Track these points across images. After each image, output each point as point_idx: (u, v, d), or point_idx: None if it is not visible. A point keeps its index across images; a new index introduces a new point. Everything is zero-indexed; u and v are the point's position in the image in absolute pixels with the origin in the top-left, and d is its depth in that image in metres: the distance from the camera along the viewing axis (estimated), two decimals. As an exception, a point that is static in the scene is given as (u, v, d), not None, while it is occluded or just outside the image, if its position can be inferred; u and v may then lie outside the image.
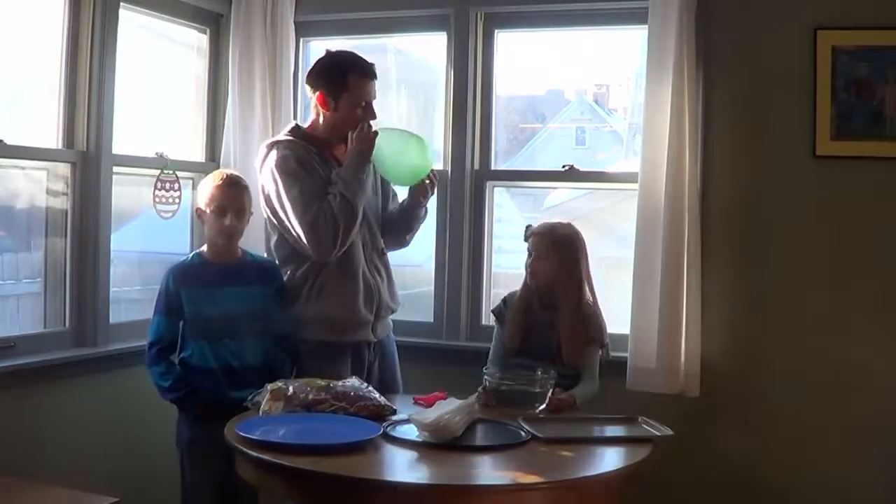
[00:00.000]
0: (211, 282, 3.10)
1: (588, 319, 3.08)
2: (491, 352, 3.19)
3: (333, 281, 3.12)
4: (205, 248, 3.19)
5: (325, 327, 3.13)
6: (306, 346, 3.15)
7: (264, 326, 3.13)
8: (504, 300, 3.23)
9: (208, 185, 3.13)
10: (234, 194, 3.11)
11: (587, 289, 3.12)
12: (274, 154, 3.11)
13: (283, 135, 3.22)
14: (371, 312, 3.16)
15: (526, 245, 3.15)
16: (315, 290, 3.13)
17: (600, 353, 3.10)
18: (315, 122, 3.21)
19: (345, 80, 3.09)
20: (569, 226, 3.16)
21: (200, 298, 3.09)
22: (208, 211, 3.10)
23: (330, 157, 3.17)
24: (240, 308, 3.10)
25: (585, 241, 3.14)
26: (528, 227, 3.19)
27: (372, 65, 3.14)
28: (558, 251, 3.07)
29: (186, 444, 3.09)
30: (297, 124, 3.28)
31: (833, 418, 3.28)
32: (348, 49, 3.30)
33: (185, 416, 3.09)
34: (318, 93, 3.14)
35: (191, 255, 3.25)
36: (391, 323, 3.37)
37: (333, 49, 3.28)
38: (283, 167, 3.05)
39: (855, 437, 3.26)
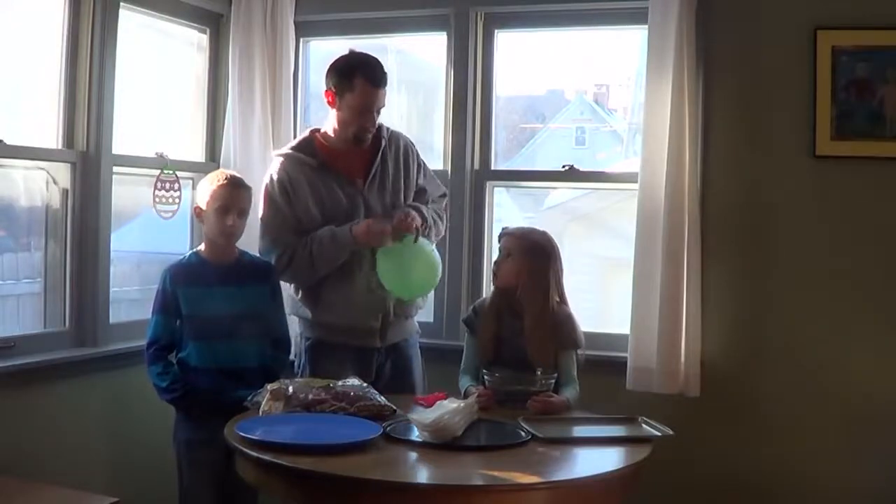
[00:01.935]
0: (208, 281, 3.10)
1: (558, 325, 3.03)
2: (463, 361, 3.15)
3: (329, 288, 3.13)
4: (202, 247, 3.18)
5: (325, 330, 3.15)
6: (308, 343, 3.18)
7: (262, 326, 3.13)
8: (474, 308, 3.20)
9: (210, 184, 3.12)
10: (236, 194, 3.11)
11: (555, 296, 3.05)
12: (272, 168, 3.18)
13: (289, 147, 3.24)
14: (376, 320, 3.15)
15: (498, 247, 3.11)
16: (312, 295, 3.15)
17: (576, 356, 3.05)
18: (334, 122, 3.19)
19: (351, 80, 3.07)
20: (543, 233, 3.11)
21: (197, 298, 3.08)
22: (210, 210, 3.10)
23: (336, 168, 3.16)
24: (237, 308, 3.09)
25: (559, 250, 3.09)
26: (504, 228, 3.15)
27: (382, 73, 3.11)
28: (526, 256, 3.02)
29: (184, 444, 3.09)
30: (312, 131, 3.27)
31: (833, 418, 3.28)
32: (360, 50, 3.25)
33: (183, 416, 3.09)
34: (326, 89, 3.15)
35: (188, 254, 3.25)
36: (415, 325, 3.34)
37: (357, 49, 3.25)
38: (269, 189, 3.17)
39: (854, 437, 3.26)
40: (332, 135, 3.19)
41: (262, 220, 3.17)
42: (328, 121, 3.22)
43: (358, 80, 3.06)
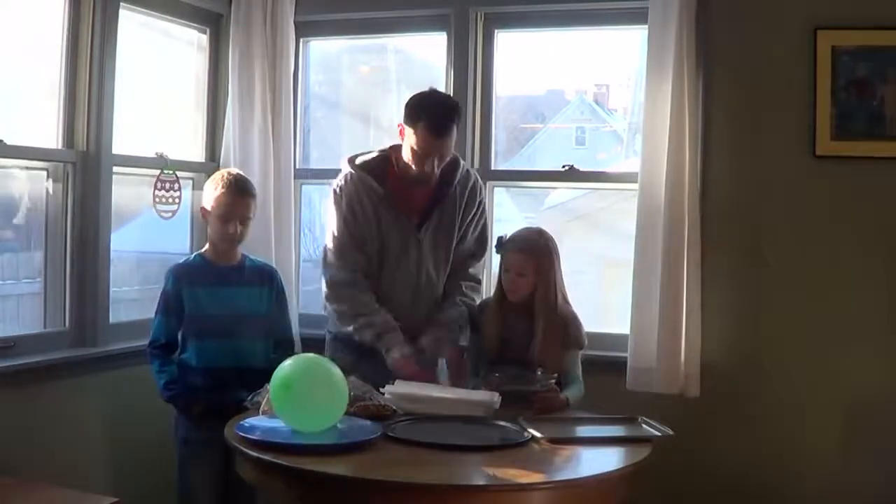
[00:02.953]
0: (211, 282, 3.11)
1: (565, 325, 3.02)
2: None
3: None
4: (206, 247, 3.19)
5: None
6: (330, 336, 3.20)
7: (263, 328, 3.14)
8: (479, 308, 3.18)
9: (214, 188, 3.11)
10: (240, 203, 3.10)
11: (559, 295, 3.05)
12: (343, 179, 3.13)
13: (364, 160, 3.15)
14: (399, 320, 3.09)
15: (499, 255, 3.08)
16: None
17: (579, 356, 3.05)
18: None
19: (414, 123, 2.98)
20: (542, 234, 3.08)
21: (200, 299, 3.09)
22: (213, 215, 3.10)
23: (398, 204, 3.10)
24: (239, 309, 3.10)
25: (558, 246, 3.08)
26: (500, 238, 3.10)
27: (447, 122, 2.99)
28: (537, 264, 3.01)
29: (183, 443, 3.10)
30: (392, 149, 3.16)
31: (832, 418, 3.28)
32: (441, 91, 3.16)
33: (182, 416, 3.10)
34: (399, 122, 3.07)
35: (192, 255, 3.26)
36: None
37: (438, 90, 3.20)
38: (338, 203, 3.11)
39: (854, 437, 3.26)
40: (403, 165, 3.09)
41: (331, 234, 3.12)
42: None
43: (420, 125, 2.96)
